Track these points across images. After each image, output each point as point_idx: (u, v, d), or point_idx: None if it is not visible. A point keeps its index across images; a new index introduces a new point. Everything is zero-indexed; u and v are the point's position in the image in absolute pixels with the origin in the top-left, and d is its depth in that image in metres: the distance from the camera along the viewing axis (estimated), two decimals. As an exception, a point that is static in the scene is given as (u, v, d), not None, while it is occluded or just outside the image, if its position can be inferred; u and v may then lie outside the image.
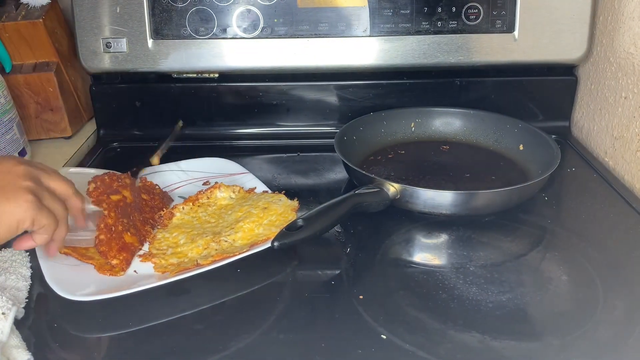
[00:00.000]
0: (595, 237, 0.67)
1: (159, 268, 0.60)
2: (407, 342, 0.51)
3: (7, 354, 0.48)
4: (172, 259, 0.61)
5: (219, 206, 0.71)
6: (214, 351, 0.51)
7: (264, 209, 0.67)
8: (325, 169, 0.85)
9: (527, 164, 0.81)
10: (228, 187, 0.73)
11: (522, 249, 0.66)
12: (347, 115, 0.92)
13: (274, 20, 0.86)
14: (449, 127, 0.90)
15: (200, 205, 0.71)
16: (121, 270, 0.59)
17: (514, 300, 0.56)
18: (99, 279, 0.59)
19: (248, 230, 0.64)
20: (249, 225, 0.65)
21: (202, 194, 0.72)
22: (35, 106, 0.89)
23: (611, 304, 0.56)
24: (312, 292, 0.59)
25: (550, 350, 0.50)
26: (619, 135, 0.82)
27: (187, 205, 0.71)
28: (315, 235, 0.60)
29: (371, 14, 0.86)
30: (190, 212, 0.70)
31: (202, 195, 0.72)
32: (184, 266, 0.59)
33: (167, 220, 0.68)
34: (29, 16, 0.86)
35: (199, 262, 0.59)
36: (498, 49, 0.87)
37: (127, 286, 0.56)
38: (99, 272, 0.59)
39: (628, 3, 0.80)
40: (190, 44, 0.86)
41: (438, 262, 0.65)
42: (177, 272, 0.58)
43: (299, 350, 0.51)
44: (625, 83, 0.81)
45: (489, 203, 0.70)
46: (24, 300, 0.56)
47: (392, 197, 0.68)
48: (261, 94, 0.93)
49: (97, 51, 0.86)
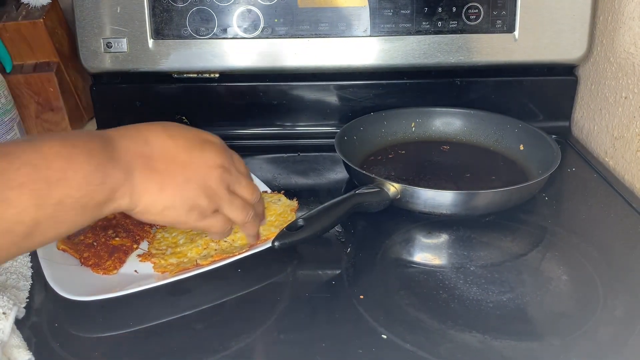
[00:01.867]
0: (595, 237, 0.67)
1: (158, 268, 0.60)
2: (407, 342, 0.51)
3: (8, 353, 0.48)
4: (171, 259, 0.61)
5: None
6: (214, 351, 0.51)
7: None
8: (325, 169, 0.85)
9: (528, 164, 0.81)
10: None
11: (523, 248, 0.66)
12: (347, 115, 0.92)
13: (275, 20, 0.86)
14: (450, 127, 0.90)
15: None
16: (114, 269, 0.60)
17: (515, 300, 0.56)
18: (99, 279, 0.59)
19: None
20: None
21: None
22: (35, 106, 0.89)
23: (611, 304, 0.56)
24: (312, 292, 0.59)
25: (551, 350, 0.50)
26: (619, 135, 0.82)
27: None
28: (315, 235, 0.61)
29: (371, 14, 0.86)
30: None
31: None
32: (184, 266, 0.59)
33: None
34: (30, 16, 0.86)
35: (198, 262, 0.59)
36: (498, 49, 0.87)
37: (127, 286, 0.56)
38: (93, 270, 0.59)
39: (628, 3, 0.80)
40: (190, 44, 0.86)
41: (438, 262, 0.65)
42: (176, 272, 0.58)
43: (299, 350, 0.51)
44: (626, 83, 0.81)
45: (489, 203, 0.70)
46: (25, 300, 0.56)
47: (393, 197, 0.68)
48: (261, 94, 0.93)
49: (97, 51, 0.86)
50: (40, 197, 0.39)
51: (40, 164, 0.40)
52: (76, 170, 0.41)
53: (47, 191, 0.39)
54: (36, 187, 0.39)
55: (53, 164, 0.40)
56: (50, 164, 0.40)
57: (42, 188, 0.39)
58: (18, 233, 0.39)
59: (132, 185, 0.46)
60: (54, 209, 0.40)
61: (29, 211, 0.39)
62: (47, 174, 0.40)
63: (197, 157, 0.51)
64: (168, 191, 0.48)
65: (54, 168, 0.40)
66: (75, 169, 0.41)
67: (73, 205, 0.41)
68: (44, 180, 0.39)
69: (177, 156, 0.49)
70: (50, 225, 0.41)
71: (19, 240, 0.39)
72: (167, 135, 0.50)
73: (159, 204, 0.48)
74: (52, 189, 0.40)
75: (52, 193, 0.40)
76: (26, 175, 0.39)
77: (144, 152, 0.47)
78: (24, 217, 0.39)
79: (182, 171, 0.49)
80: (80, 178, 0.41)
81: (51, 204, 0.40)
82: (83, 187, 0.42)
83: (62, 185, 0.40)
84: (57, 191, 0.40)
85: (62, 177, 0.40)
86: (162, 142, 0.49)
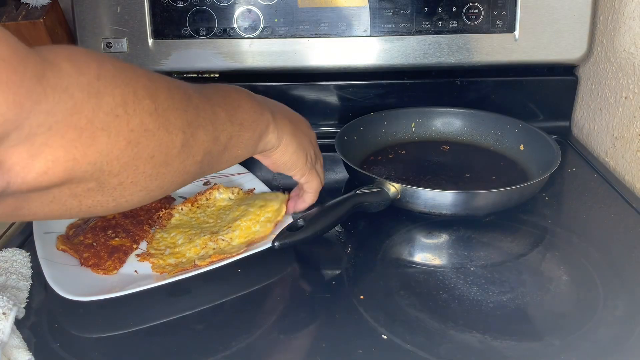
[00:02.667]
0: (595, 237, 0.67)
1: (157, 268, 0.60)
2: (407, 342, 0.51)
3: (8, 354, 0.48)
4: (169, 259, 0.61)
5: (218, 207, 0.71)
6: (214, 351, 0.51)
7: (261, 207, 0.67)
8: (325, 169, 0.84)
9: (528, 164, 0.81)
10: (227, 189, 0.73)
11: (523, 249, 0.66)
12: (347, 115, 0.92)
13: (275, 20, 0.86)
14: (450, 127, 0.90)
15: (199, 206, 0.71)
16: (114, 269, 0.60)
17: (515, 300, 0.56)
18: (99, 279, 0.59)
19: (245, 228, 0.64)
20: (246, 223, 0.65)
21: (201, 195, 0.72)
22: (35, 106, 0.89)
23: (611, 304, 0.56)
24: (312, 292, 0.59)
25: (551, 350, 0.50)
26: (619, 135, 0.82)
27: (186, 206, 0.71)
28: (315, 235, 0.61)
29: (372, 13, 0.86)
30: (189, 213, 0.70)
31: (201, 197, 0.72)
32: (182, 267, 0.59)
33: (165, 221, 0.68)
34: (30, 16, 0.86)
35: (196, 262, 0.59)
36: (498, 49, 0.87)
37: (126, 286, 0.56)
38: (93, 270, 0.59)
39: (628, 3, 0.80)
40: (190, 44, 0.86)
41: (438, 262, 0.65)
42: (175, 272, 0.58)
43: (300, 350, 0.51)
44: (626, 83, 0.81)
45: (489, 203, 0.70)
46: (25, 300, 0.56)
47: (393, 197, 0.68)
48: (262, 94, 0.92)
49: (97, 51, 0.86)
50: (231, 115, 0.51)
51: (223, 92, 0.53)
52: (245, 101, 0.54)
53: (233, 111, 0.52)
54: (227, 107, 0.51)
55: (230, 94, 0.53)
56: (229, 94, 0.53)
57: (229, 109, 0.51)
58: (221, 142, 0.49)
59: (276, 125, 0.58)
60: (240, 127, 0.52)
61: (227, 125, 0.50)
62: (230, 100, 0.52)
63: (302, 122, 0.66)
64: (298, 137, 0.61)
65: (232, 97, 0.53)
66: (245, 100, 0.55)
67: (248, 128, 0.54)
68: (230, 104, 0.52)
69: (293, 116, 0.65)
70: (234, 144, 0.52)
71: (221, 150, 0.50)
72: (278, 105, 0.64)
73: (293, 145, 0.61)
74: (236, 110, 0.52)
75: (237, 113, 0.52)
76: (219, 98, 0.51)
77: (275, 105, 0.62)
78: (225, 128, 0.50)
79: (299, 127, 0.63)
80: (249, 107, 0.54)
81: (238, 122, 0.52)
82: (251, 114, 0.54)
83: (240, 108, 0.53)
84: (239, 113, 0.53)
85: (238, 104, 0.53)
86: (279, 108, 0.63)
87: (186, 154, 0.44)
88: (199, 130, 0.45)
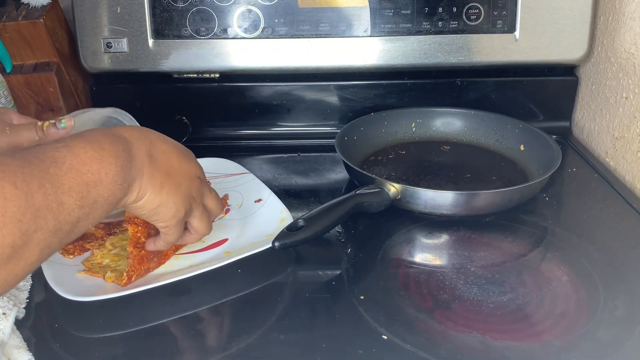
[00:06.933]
0: (595, 237, 0.67)
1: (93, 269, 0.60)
2: (408, 343, 0.51)
3: (8, 354, 0.48)
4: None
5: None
6: (214, 351, 0.51)
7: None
8: (325, 169, 0.85)
9: (528, 164, 0.81)
10: None
11: (523, 249, 0.66)
12: (347, 116, 0.92)
13: (275, 21, 0.86)
14: (450, 127, 0.90)
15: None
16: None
17: (515, 300, 0.56)
18: (99, 279, 0.59)
19: None
20: None
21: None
22: (35, 106, 0.89)
23: (611, 304, 0.56)
24: (312, 292, 0.59)
25: (551, 350, 0.50)
26: (619, 136, 0.82)
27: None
28: (316, 235, 0.61)
29: (372, 14, 0.86)
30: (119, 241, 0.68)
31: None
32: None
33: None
34: (30, 16, 0.86)
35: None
36: (499, 49, 0.87)
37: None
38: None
39: (629, 3, 0.80)
40: (191, 44, 0.86)
41: (439, 262, 0.65)
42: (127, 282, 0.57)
43: (300, 351, 0.51)
44: (626, 83, 0.81)
45: (489, 203, 0.70)
46: (25, 300, 0.56)
47: (393, 198, 0.68)
48: (262, 94, 0.93)
49: (97, 51, 0.86)
50: (83, 198, 0.43)
51: (81, 168, 0.44)
52: (107, 173, 0.46)
53: (87, 193, 0.44)
54: (80, 190, 0.43)
55: (91, 167, 0.45)
56: (89, 167, 0.44)
57: (83, 190, 0.44)
58: (64, 231, 0.43)
59: (141, 182, 0.50)
60: (90, 208, 0.44)
61: (75, 212, 0.43)
62: (87, 178, 0.44)
63: (185, 164, 0.55)
64: (165, 190, 0.52)
65: (92, 171, 0.45)
66: (107, 171, 0.46)
67: (102, 203, 0.46)
68: (85, 183, 0.44)
69: (172, 160, 0.54)
70: (84, 223, 0.44)
71: (63, 237, 0.43)
72: (162, 139, 0.54)
73: (157, 200, 0.52)
74: (90, 191, 0.44)
75: (90, 194, 0.44)
76: (72, 180, 0.43)
77: (150, 152, 0.51)
78: (71, 217, 0.43)
79: (175, 175, 0.54)
80: (110, 179, 0.46)
81: (89, 204, 0.44)
82: (111, 186, 0.46)
83: (97, 186, 0.45)
84: (94, 192, 0.45)
85: (97, 180, 0.45)
86: (161, 144, 0.53)
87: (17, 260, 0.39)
88: (36, 233, 0.40)
